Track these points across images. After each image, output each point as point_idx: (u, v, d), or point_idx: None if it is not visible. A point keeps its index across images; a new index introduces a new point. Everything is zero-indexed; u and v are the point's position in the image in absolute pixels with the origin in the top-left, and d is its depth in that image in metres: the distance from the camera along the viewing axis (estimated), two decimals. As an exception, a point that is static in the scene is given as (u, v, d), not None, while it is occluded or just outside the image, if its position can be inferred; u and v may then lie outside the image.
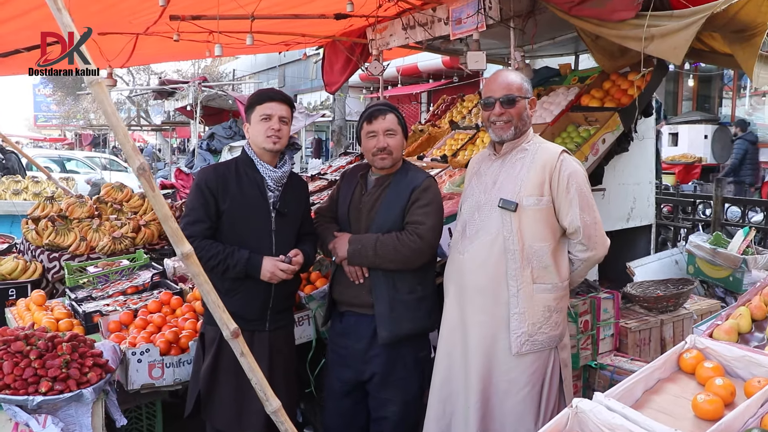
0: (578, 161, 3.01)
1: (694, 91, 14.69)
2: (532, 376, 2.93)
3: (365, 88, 22.43)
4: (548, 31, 5.16)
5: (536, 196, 2.90)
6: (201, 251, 2.90)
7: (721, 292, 5.29)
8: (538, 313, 2.91)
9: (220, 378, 3.13)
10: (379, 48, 6.04)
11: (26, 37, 5.36)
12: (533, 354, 2.93)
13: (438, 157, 5.50)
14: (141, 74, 30.82)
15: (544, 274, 2.93)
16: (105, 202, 6.28)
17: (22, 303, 4.35)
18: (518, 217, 2.91)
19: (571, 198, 2.88)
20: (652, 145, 5.43)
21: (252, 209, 3.13)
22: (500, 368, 2.95)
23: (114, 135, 2.21)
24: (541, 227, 2.91)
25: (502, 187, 2.99)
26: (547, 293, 2.93)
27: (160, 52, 7.12)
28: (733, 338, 2.35)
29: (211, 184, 3.03)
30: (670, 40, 3.48)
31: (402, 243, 3.11)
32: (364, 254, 3.15)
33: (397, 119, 3.28)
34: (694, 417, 1.97)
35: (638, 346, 4.19)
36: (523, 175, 2.93)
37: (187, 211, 3.05)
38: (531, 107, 3.03)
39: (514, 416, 2.93)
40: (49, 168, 10.94)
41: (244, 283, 3.10)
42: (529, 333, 2.91)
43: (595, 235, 2.94)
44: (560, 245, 2.98)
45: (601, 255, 3.00)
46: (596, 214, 2.95)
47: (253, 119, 3.12)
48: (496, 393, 2.96)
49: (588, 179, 3.00)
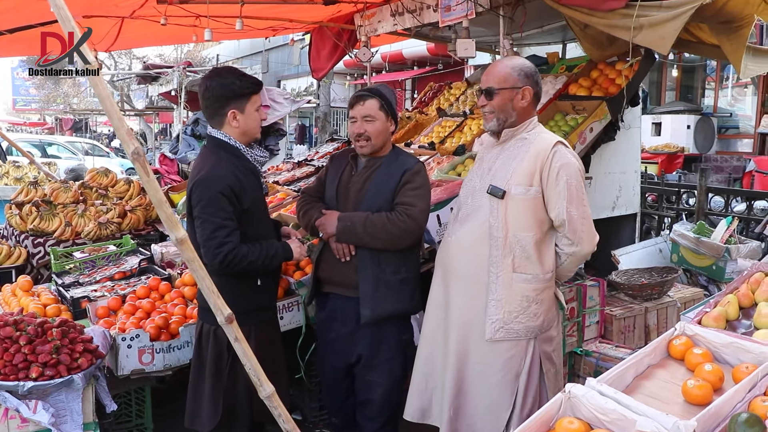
0: (574, 153, 2.98)
1: (677, 82, 14.75)
2: (507, 363, 2.93)
3: (350, 75, 22.33)
4: (536, 19, 5.18)
5: (525, 185, 2.89)
6: (249, 257, 2.89)
7: (704, 281, 5.36)
8: (516, 302, 2.91)
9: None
10: (368, 34, 6.03)
11: (8, 20, 5.28)
12: (508, 342, 2.93)
13: (425, 144, 5.51)
14: (123, 58, 30.49)
15: (525, 264, 2.91)
16: (90, 187, 6.23)
17: (8, 288, 4.31)
18: (505, 205, 2.91)
19: (559, 190, 2.86)
20: (638, 135, 5.47)
21: (261, 199, 3.14)
22: (475, 351, 2.97)
23: (109, 119, 2.19)
24: (526, 217, 2.90)
25: (496, 174, 3.00)
26: (526, 283, 2.92)
27: (145, 36, 7.03)
28: (721, 325, 2.39)
29: (234, 187, 2.90)
30: (659, 30, 3.51)
31: (392, 222, 3.13)
32: (353, 231, 3.17)
33: (378, 104, 3.26)
34: (684, 402, 2.00)
35: (623, 333, 4.24)
36: (517, 164, 2.93)
37: (220, 222, 2.86)
38: (524, 97, 2.98)
39: (487, 400, 2.95)
40: (30, 152, 10.80)
41: (269, 275, 3.12)
42: (504, 320, 2.91)
43: (582, 230, 2.90)
44: (547, 237, 2.97)
45: (587, 251, 2.96)
46: (585, 209, 2.92)
47: (249, 109, 3.02)
48: (471, 375, 2.99)
49: (582, 172, 2.96)
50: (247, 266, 2.90)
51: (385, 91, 3.36)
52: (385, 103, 3.29)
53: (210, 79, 3.01)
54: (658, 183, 8.35)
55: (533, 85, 3.00)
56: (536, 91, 3.02)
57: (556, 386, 3.03)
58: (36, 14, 5.07)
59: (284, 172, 6.42)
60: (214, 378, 3.02)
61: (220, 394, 3.01)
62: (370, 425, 3.37)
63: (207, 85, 3.00)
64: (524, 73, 2.99)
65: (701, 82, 14.61)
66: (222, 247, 2.83)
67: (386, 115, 3.29)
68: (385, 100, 3.30)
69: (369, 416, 3.36)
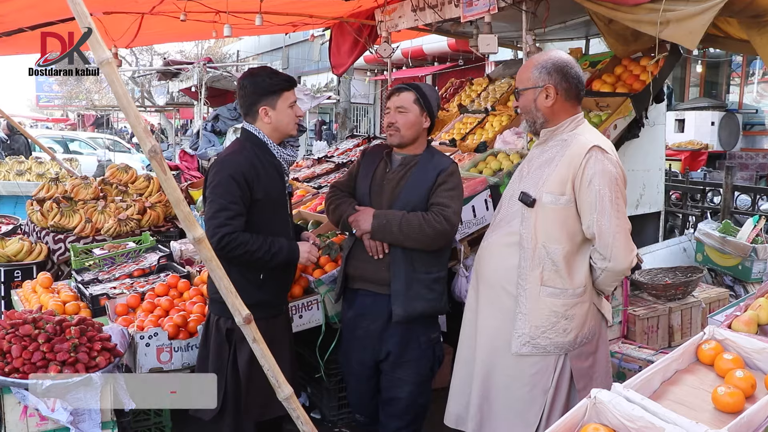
0: (613, 159, 2.71)
1: (701, 78, 14.56)
2: (533, 378, 2.78)
3: (370, 71, 22.29)
4: (559, 14, 5.10)
5: (556, 193, 2.70)
6: (247, 245, 2.88)
7: (730, 281, 5.27)
8: (543, 316, 2.73)
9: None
10: (388, 30, 5.97)
11: (30, 16, 5.31)
12: (536, 356, 2.77)
13: (446, 141, 5.47)
14: (144, 55, 30.68)
15: (554, 278, 2.73)
16: (110, 183, 6.26)
17: (29, 285, 4.33)
18: (535, 214, 2.75)
19: (591, 200, 2.65)
20: (662, 132, 5.39)
21: (278, 195, 3.11)
22: (502, 363, 2.84)
23: (125, 116, 2.17)
24: (556, 228, 2.72)
25: (529, 179, 2.84)
26: (554, 297, 2.74)
27: (165, 32, 7.06)
28: (753, 330, 2.31)
29: (247, 174, 2.93)
30: (686, 25, 3.43)
31: (428, 223, 3.10)
32: (388, 230, 3.14)
33: (414, 97, 3.25)
34: (714, 409, 1.93)
35: (646, 334, 4.19)
36: (551, 169, 2.75)
37: (225, 204, 2.88)
38: (549, 96, 2.77)
39: (512, 413, 2.82)
40: (52, 149, 10.88)
41: (275, 271, 3.08)
42: (531, 335, 2.75)
43: (614, 245, 2.65)
44: (580, 250, 2.76)
45: (620, 268, 2.71)
46: (620, 222, 2.67)
47: (280, 105, 3.04)
48: (497, 386, 2.87)
49: (621, 180, 2.71)
50: (245, 254, 2.88)
51: (426, 87, 3.34)
52: (420, 97, 3.26)
53: (244, 78, 3.11)
54: (683, 181, 8.22)
55: (559, 81, 2.76)
56: (566, 87, 2.78)
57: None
58: (44, 14, 5.11)
59: (304, 168, 6.40)
60: (216, 367, 3.03)
61: (221, 384, 3.00)
62: (394, 423, 3.32)
63: (241, 84, 3.10)
64: (546, 70, 2.77)
65: (726, 77, 14.41)
66: (221, 228, 2.83)
67: (421, 109, 3.26)
68: (421, 93, 3.26)
69: (394, 414, 3.31)
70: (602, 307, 2.89)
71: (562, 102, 2.80)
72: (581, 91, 2.84)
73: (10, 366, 2.74)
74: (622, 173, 2.74)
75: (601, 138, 2.82)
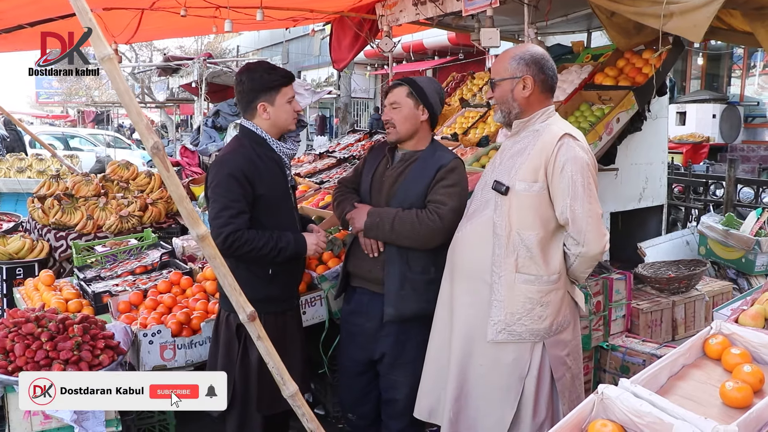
0: (584, 147, 2.76)
1: (702, 70, 14.53)
2: (510, 366, 2.79)
3: (370, 65, 22.25)
4: (561, 7, 5.09)
5: (529, 181, 2.73)
6: (253, 242, 2.87)
7: (733, 274, 5.25)
8: (518, 303, 2.75)
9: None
10: (389, 24, 5.95)
11: (29, 13, 5.28)
12: (512, 344, 2.79)
13: (448, 135, 5.45)
14: (144, 50, 30.64)
15: (528, 264, 2.75)
16: (111, 180, 6.25)
17: (31, 283, 4.32)
18: (508, 201, 2.77)
19: (563, 186, 2.67)
20: (664, 125, 5.37)
21: (280, 190, 3.09)
22: (478, 352, 2.85)
23: (127, 113, 2.15)
24: (530, 214, 2.74)
25: (502, 168, 2.86)
26: (529, 284, 2.75)
27: (165, 27, 7.02)
28: (760, 324, 2.30)
29: (248, 171, 2.91)
30: (690, 18, 3.40)
31: (420, 221, 3.05)
32: (381, 228, 3.11)
33: (406, 92, 3.20)
34: (722, 404, 1.92)
35: (650, 328, 4.17)
36: (524, 159, 2.78)
37: (228, 202, 2.86)
38: (525, 86, 2.80)
39: (489, 402, 2.83)
40: (52, 145, 10.87)
41: (284, 265, 3.07)
42: (506, 322, 2.77)
43: (587, 230, 2.68)
44: (554, 236, 2.78)
45: (594, 253, 2.72)
46: (593, 206, 2.69)
47: (279, 101, 3.03)
48: (473, 376, 2.87)
49: (592, 166, 2.75)
50: (252, 252, 2.87)
51: (422, 80, 3.29)
52: (414, 89, 3.20)
53: (241, 74, 3.09)
54: (685, 174, 8.19)
55: (536, 72, 2.80)
56: (543, 79, 2.82)
57: (573, 392, 2.90)
58: (44, 10, 5.09)
59: (305, 163, 6.38)
60: (225, 362, 3.03)
61: (230, 381, 2.98)
62: (395, 424, 3.31)
63: (239, 80, 3.08)
64: (524, 62, 2.81)
65: (727, 70, 14.39)
66: (225, 227, 2.82)
67: (415, 101, 3.19)
68: (414, 86, 3.21)
69: (394, 415, 3.30)
70: (575, 295, 2.92)
71: (537, 93, 2.83)
72: (555, 84, 2.91)
73: (13, 365, 2.74)
74: (593, 160, 2.79)
75: (572, 128, 2.85)
